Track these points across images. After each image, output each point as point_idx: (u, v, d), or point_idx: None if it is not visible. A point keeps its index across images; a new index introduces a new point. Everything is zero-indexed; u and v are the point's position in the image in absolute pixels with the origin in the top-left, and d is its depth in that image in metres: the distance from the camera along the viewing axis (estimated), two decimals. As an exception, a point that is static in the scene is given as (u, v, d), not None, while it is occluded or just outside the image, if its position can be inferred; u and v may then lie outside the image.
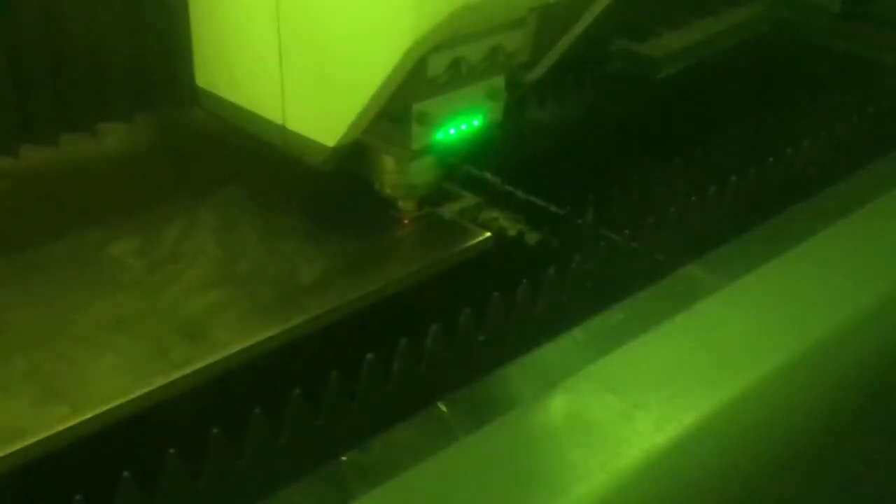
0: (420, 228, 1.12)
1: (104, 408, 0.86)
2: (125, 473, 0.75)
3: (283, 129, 1.05)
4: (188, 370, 0.91)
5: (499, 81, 1.06)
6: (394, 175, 1.10)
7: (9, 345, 0.92)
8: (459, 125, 1.05)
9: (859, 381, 0.99)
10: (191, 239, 1.07)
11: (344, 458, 0.81)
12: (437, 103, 1.01)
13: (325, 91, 1.00)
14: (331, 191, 1.15)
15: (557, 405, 0.85)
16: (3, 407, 0.86)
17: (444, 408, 0.86)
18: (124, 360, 0.91)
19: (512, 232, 1.15)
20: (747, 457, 0.88)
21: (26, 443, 0.83)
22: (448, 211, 1.14)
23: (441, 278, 1.08)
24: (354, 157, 1.07)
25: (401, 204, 1.12)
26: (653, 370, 0.90)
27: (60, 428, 0.84)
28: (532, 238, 1.14)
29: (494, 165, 1.23)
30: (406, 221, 1.12)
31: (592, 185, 1.17)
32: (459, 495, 0.78)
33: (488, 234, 1.12)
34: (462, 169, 1.22)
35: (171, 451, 0.76)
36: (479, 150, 1.15)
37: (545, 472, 0.79)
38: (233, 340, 0.94)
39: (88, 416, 0.85)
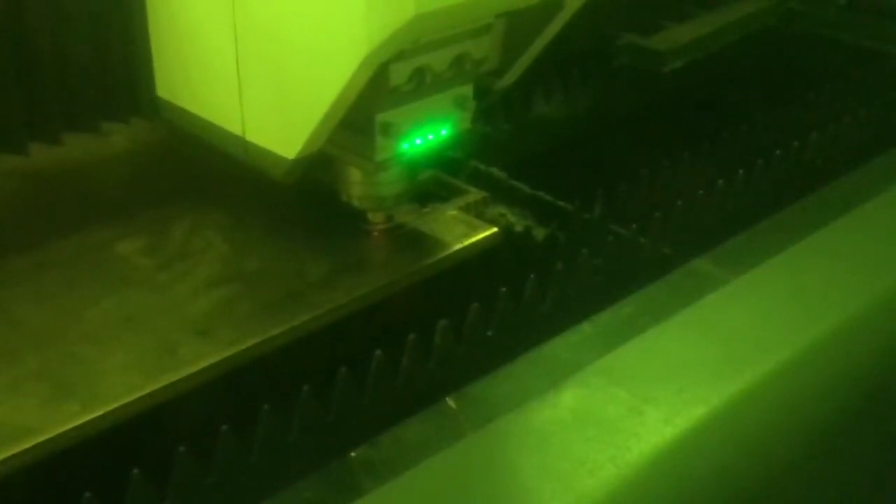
0: (427, 225, 1.11)
1: (114, 405, 0.87)
2: (135, 470, 0.75)
3: (243, 141, 1.04)
4: (198, 367, 0.91)
5: (467, 90, 1.03)
6: (361, 186, 1.07)
7: (19, 343, 0.93)
8: (426, 135, 1.03)
9: (869, 374, 0.99)
10: (178, 246, 1.07)
11: (353, 454, 0.81)
12: (401, 113, 0.99)
13: (283, 102, 0.98)
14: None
15: (566, 400, 0.85)
16: (13, 405, 0.86)
17: (452, 403, 0.86)
18: (134, 358, 0.92)
19: (519, 227, 1.15)
20: (756, 450, 0.88)
21: (37, 441, 0.83)
22: (425, 221, 1.11)
23: (449, 274, 1.08)
24: (322, 168, 1.05)
25: (370, 216, 1.09)
26: (661, 364, 0.90)
27: (71, 426, 0.85)
28: (539, 233, 1.14)
29: (501, 160, 1.23)
30: (375, 234, 1.09)
31: (600, 179, 1.16)
32: (468, 490, 0.78)
33: (495, 229, 1.11)
34: (468, 165, 1.22)
35: (181, 448, 0.76)
36: (486, 146, 1.15)
37: (554, 467, 0.79)
38: (242, 337, 0.94)
39: (98, 413, 0.86)
